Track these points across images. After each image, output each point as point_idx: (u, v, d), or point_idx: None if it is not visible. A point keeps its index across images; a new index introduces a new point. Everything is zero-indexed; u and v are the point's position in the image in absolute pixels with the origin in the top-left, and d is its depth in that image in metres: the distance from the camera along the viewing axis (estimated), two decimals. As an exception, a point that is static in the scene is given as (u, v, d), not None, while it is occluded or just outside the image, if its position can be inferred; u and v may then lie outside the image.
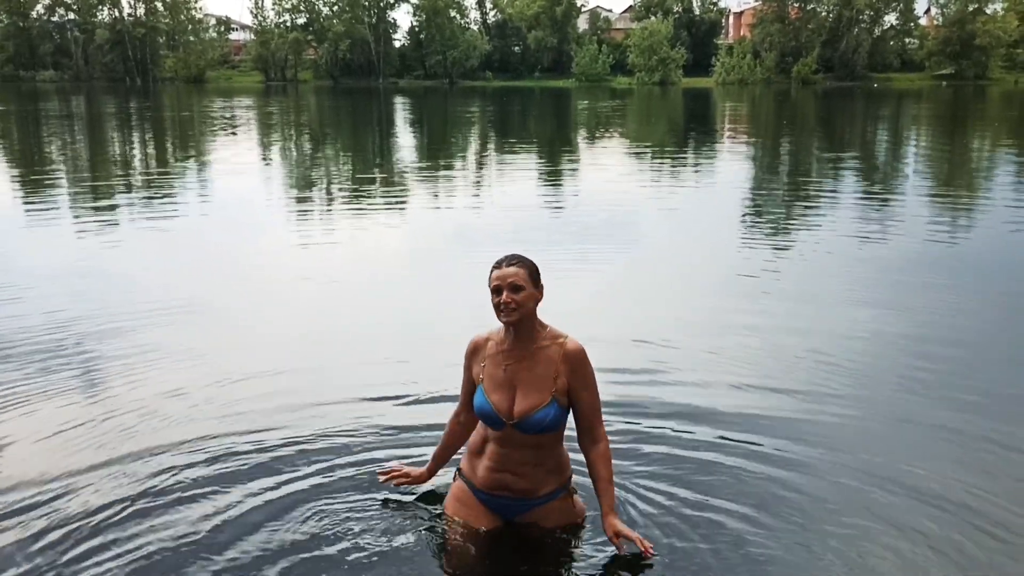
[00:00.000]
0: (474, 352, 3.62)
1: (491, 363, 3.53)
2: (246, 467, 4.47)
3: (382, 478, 4.02)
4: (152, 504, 4.11)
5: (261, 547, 3.72)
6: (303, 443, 4.73)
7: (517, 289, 3.36)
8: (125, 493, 4.21)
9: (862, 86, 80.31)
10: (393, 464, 4.19)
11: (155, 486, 4.28)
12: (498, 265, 3.45)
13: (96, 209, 13.67)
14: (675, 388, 5.63)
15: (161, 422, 5.06)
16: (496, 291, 3.41)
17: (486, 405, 3.48)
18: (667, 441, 4.79)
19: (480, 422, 3.59)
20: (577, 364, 3.46)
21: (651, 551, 3.46)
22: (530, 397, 3.43)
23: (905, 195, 15.56)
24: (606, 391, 3.81)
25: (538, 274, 3.48)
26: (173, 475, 4.39)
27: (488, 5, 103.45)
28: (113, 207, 13.91)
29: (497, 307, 3.41)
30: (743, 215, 13.55)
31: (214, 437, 4.83)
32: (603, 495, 3.55)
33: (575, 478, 3.79)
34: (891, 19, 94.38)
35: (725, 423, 5.04)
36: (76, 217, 12.92)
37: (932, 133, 31.67)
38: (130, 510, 4.05)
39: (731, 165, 21.30)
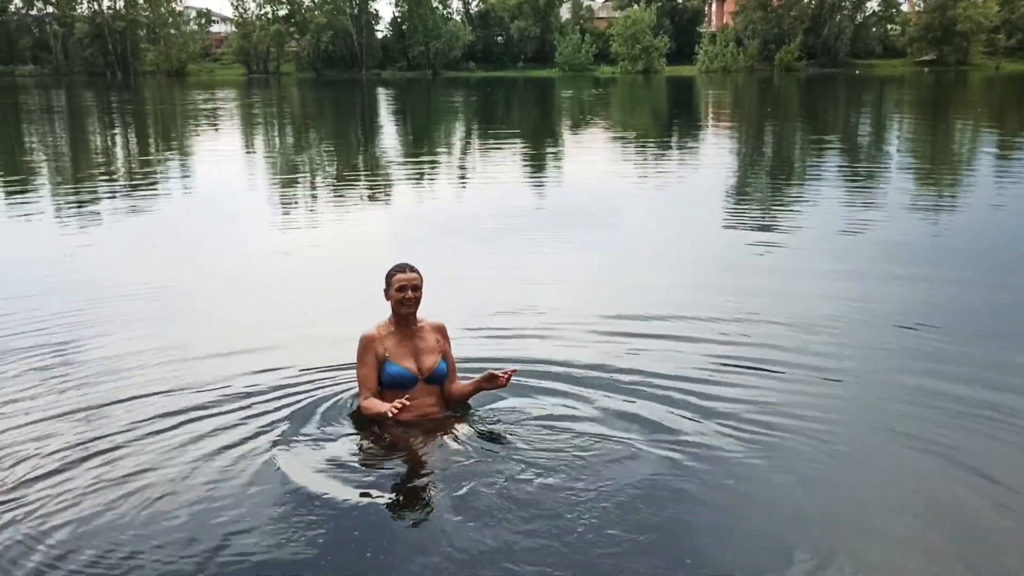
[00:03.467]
0: (370, 342, 4.62)
1: (392, 343, 4.63)
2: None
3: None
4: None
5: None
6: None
7: (417, 288, 4.58)
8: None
9: (845, 73, 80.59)
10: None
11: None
12: (402, 270, 4.58)
13: (73, 200, 13.56)
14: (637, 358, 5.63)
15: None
16: (402, 290, 4.54)
17: (402, 371, 4.61)
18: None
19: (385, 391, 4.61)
20: (445, 333, 4.85)
21: (512, 371, 4.61)
22: (429, 359, 4.69)
23: (888, 177, 15.64)
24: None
25: (422, 278, 4.64)
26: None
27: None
28: (91, 199, 13.80)
29: (401, 301, 4.56)
30: (726, 199, 13.59)
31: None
32: (467, 386, 4.79)
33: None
34: (873, 5, 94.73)
35: (715, 399, 5.07)
36: (54, 208, 12.82)
37: (915, 118, 31.81)
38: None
39: (714, 151, 21.36)
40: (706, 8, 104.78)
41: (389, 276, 4.60)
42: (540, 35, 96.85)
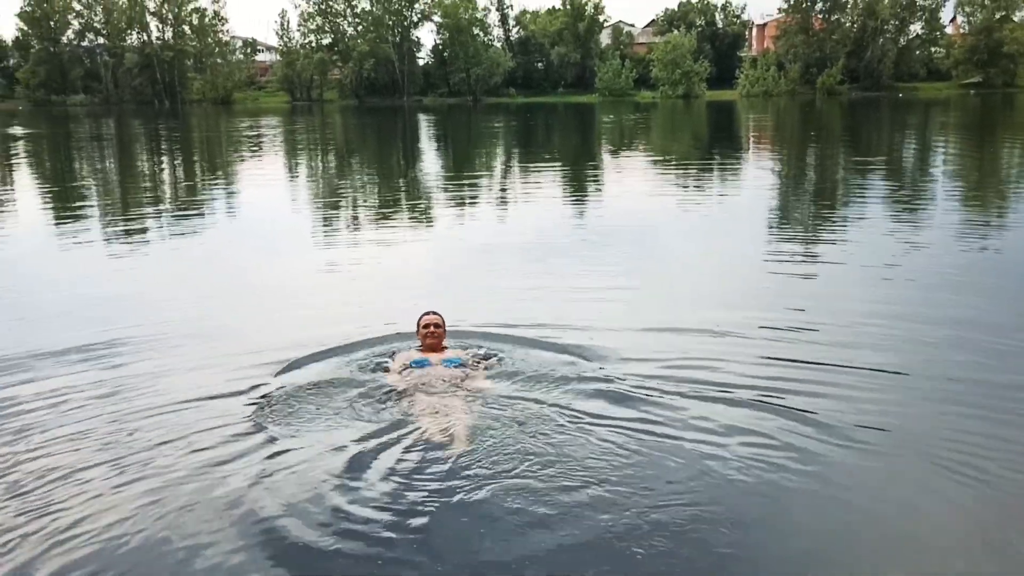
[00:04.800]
0: (404, 352, 6.22)
1: (419, 352, 6.16)
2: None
3: None
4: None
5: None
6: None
7: (438, 326, 6.26)
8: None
9: (888, 96, 79.79)
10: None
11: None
12: (427, 314, 6.32)
13: (121, 227, 13.82)
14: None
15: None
16: (426, 327, 6.23)
17: (422, 359, 5.98)
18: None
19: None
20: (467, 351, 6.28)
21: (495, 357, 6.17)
22: (446, 353, 6.12)
23: (935, 201, 15.37)
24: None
25: (443, 319, 6.33)
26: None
27: (511, 22, 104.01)
28: (139, 225, 14.05)
29: (425, 335, 6.21)
30: (771, 221, 13.45)
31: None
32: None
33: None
34: (916, 28, 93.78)
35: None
36: (102, 235, 13.07)
37: (961, 141, 31.32)
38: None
39: (758, 173, 21.17)
40: (747, 32, 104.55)
41: (418, 320, 6.33)
42: (580, 61, 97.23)
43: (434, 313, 6.31)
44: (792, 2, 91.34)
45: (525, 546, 3.76)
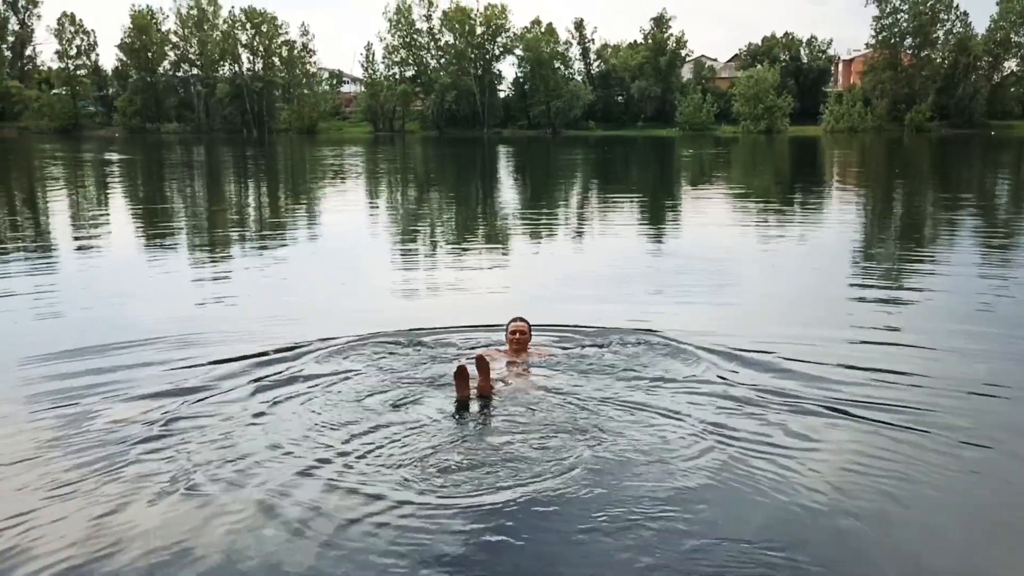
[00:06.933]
0: (495, 349, 6.99)
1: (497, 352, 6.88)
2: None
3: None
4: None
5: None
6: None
7: (524, 332, 6.92)
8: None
9: (980, 134, 77.46)
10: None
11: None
12: (515, 320, 7.02)
13: (209, 246, 14.18)
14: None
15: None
16: (513, 333, 6.91)
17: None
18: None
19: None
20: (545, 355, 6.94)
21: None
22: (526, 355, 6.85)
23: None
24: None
25: (529, 325, 7.02)
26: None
27: (592, 56, 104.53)
28: (226, 249, 14.39)
29: (512, 340, 6.88)
30: (857, 257, 13.08)
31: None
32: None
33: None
34: (1011, 65, 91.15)
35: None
36: (192, 252, 13.42)
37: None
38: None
39: (841, 213, 20.66)
40: (832, 68, 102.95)
41: (507, 325, 7.06)
42: (661, 95, 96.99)
43: (522, 320, 7.00)
44: (880, 37, 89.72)
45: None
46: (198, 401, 5.93)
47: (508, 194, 27.11)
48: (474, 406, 5.80)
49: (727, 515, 4.28)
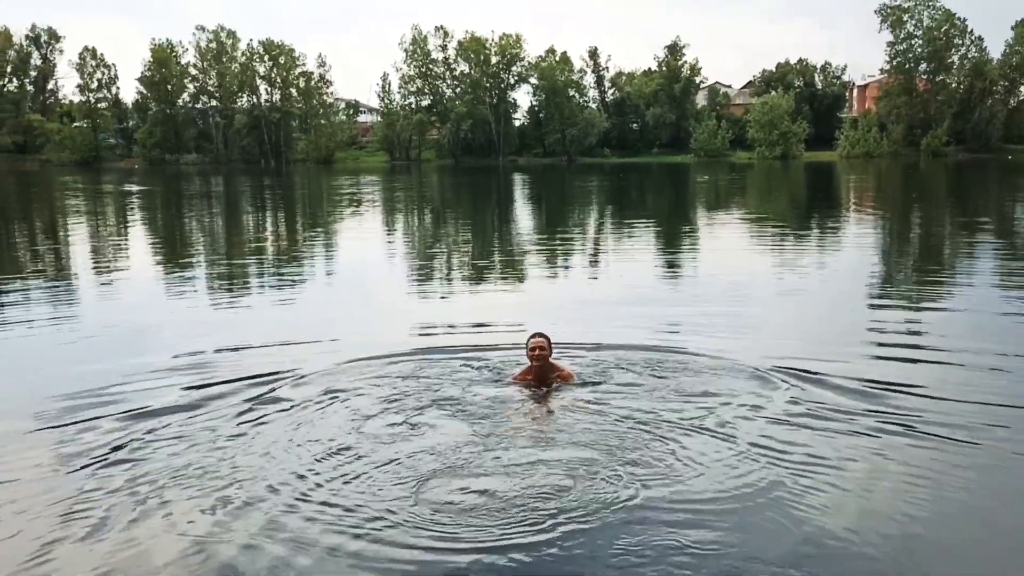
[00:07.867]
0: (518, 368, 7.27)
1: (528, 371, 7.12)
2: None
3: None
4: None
5: None
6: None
7: (543, 349, 6.95)
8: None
9: (997, 158, 77.11)
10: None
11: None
12: (533, 336, 7.07)
13: (227, 273, 14.28)
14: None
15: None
16: (532, 349, 6.96)
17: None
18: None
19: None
20: (566, 375, 7.08)
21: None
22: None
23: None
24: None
25: (550, 341, 7.07)
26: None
27: (607, 83, 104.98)
28: (243, 276, 14.49)
29: (532, 357, 6.96)
30: (875, 280, 13.02)
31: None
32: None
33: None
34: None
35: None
36: (209, 279, 13.53)
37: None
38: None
39: (858, 238, 20.57)
40: (847, 93, 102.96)
41: (527, 342, 7.09)
42: (675, 121, 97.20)
43: (541, 336, 7.07)
44: (895, 63, 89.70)
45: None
46: (205, 420, 6.19)
47: (525, 221, 27.17)
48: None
49: (773, 535, 4.30)
